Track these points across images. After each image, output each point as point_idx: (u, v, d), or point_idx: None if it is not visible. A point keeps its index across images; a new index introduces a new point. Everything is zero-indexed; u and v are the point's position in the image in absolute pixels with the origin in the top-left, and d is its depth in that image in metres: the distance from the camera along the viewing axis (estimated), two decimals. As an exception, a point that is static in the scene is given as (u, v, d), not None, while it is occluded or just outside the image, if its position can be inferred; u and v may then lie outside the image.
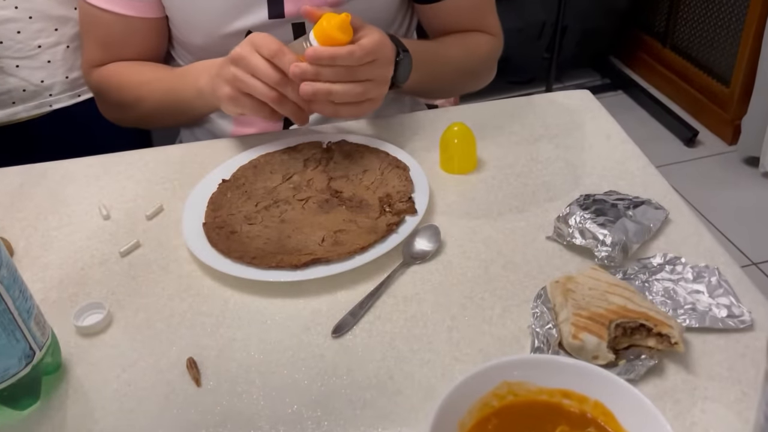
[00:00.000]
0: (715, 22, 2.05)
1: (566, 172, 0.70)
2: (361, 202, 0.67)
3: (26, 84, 0.93)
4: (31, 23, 0.91)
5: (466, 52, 0.90)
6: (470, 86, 0.96)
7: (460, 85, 0.96)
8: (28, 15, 0.91)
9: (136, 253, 0.65)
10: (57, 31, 0.93)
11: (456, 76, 0.91)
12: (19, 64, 0.92)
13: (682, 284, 0.55)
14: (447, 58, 0.87)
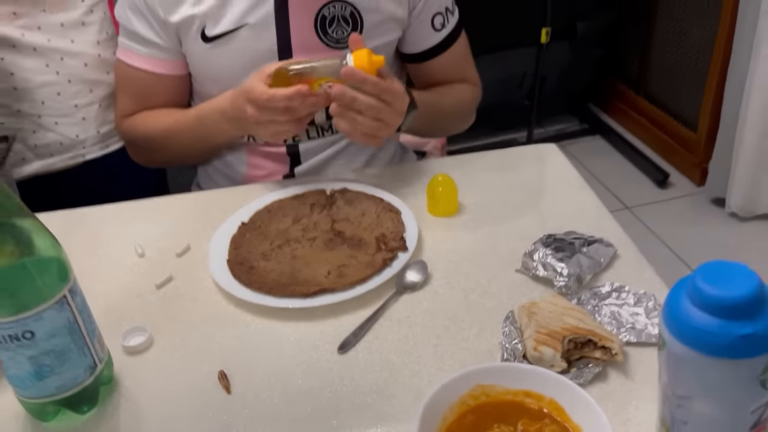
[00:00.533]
0: (682, 72, 2.22)
1: (533, 216, 0.83)
2: (360, 241, 0.79)
3: (63, 138, 1.05)
4: (69, 86, 1.04)
5: (456, 101, 1.05)
6: (457, 129, 1.12)
7: (450, 128, 1.13)
8: (67, 79, 1.04)
9: (169, 286, 0.77)
10: (91, 92, 1.06)
11: (448, 121, 1.07)
12: (58, 121, 1.04)
13: (625, 308, 0.67)
14: (442, 106, 1.01)
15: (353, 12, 0.93)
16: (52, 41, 1.02)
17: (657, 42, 2.30)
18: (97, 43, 1.06)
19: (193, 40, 0.93)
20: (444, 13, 0.99)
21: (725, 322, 0.36)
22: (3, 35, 0.99)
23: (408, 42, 1.00)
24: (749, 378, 0.37)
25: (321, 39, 0.93)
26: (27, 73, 1.01)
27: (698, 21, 2.08)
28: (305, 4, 0.92)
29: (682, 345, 0.38)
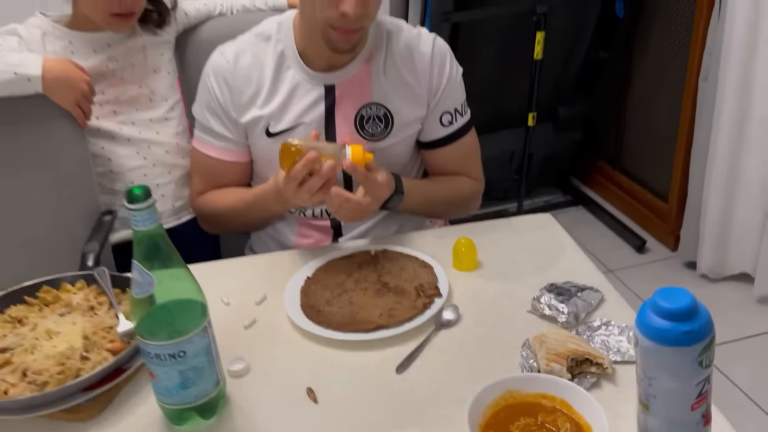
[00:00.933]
0: (653, 150, 2.51)
1: (537, 270, 1.05)
2: (402, 290, 1.01)
3: (145, 211, 1.27)
4: (153, 169, 1.27)
5: (451, 191, 1.27)
6: (454, 214, 1.34)
7: (446, 214, 1.34)
8: (152, 163, 1.27)
9: (254, 327, 0.97)
10: (170, 173, 1.29)
11: (441, 207, 1.29)
12: (143, 197, 1.27)
13: (612, 336, 0.89)
14: (436, 194, 1.24)
15: (386, 113, 1.17)
16: (142, 133, 1.26)
17: (629, 124, 2.60)
18: (176, 134, 1.30)
19: (259, 135, 1.16)
20: (453, 113, 1.21)
21: (673, 323, 0.58)
22: (105, 129, 1.23)
23: (421, 132, 1.22)
24: (691, 360, 0.58)
25: (359, 133, 1.17)
26: (121, 159, 1.25)
27: (665, 107, 2.38)
28: (348, 107, 1.16)
29: (648, 340, 0.59)
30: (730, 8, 1.89)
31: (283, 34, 1.15)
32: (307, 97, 1.15)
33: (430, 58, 1.16)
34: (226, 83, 1.15)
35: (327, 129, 1.16)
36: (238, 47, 1.16)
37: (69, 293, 0.97)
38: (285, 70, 1.15)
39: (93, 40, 1.22)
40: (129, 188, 0.69)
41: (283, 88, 1.15)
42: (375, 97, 1.16)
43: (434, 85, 1.17)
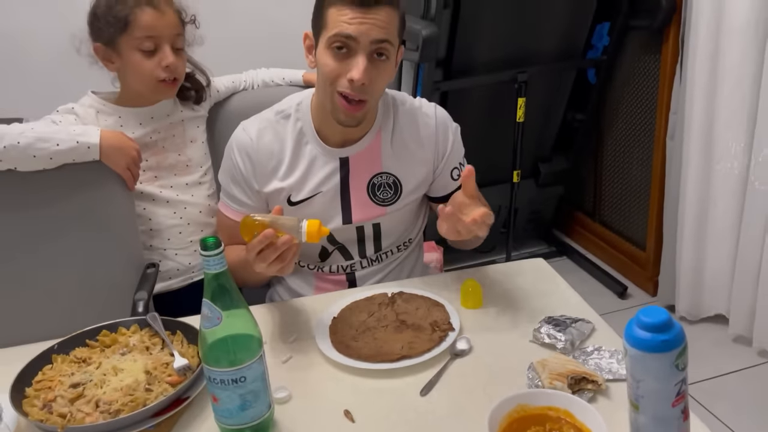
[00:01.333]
0: (629, 203, 2.70)
1: (535, 306, 1.20)
2: (419, 327, 1.15)
3: (180, 265, 1.41)
4: (188, 227, 1.41)
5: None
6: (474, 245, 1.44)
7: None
8: (187, 222, 1.41)
9: (291, 361, 1.10)
10: (202, 231, 1.44)
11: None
12: (177, 252, 1.41)
13: (604, 359, 1.03)
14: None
15: (395, 180, 1.32)
16: (179, 195, 1.41)
17: (606, 179, 2.80)
18: (208, 196, 1.45)
19: (281, 203, 1.28)
20: (458, 166, 1.36)
21: (653, 334, 0.73)
22: (147, 192, 1.38)
23: (432, 189, 1.38)
24: (669, 364, 0.73)
25: (372, 199, 1.31)
26: (160, 218, 1.39)
27: (638, 163, 2.59)
28: (361, 177, 1.30)
29: (634, 349, 0.74)
30: (690, 73, 2.12)
31: (302, 113, 1.28)
32: (324, 170, 1.28)
33: (435, 126, 1.32)
34: (249, 157, 1.27)
35: (342, 196, 1.30)
36: (260, 124, 1.28)
37: (126, 336, 1.10)
38: (304, 145, 1.28)
39: (139, 114, 1.39)
40: (203, 238, 0.83)
41: (303, 161, 1.28)
42: (385, 167, 1.30)
43: (440, 150, 1.33)
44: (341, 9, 1.12)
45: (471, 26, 2.22)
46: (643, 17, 2.32)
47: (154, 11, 1.31)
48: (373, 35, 1.13)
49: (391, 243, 1.38)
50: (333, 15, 1.14)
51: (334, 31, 1.13)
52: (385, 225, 1.34)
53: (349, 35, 1.13)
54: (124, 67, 1.35)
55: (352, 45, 1.14)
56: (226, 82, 1.55)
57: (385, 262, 1.39)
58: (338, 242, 1.34)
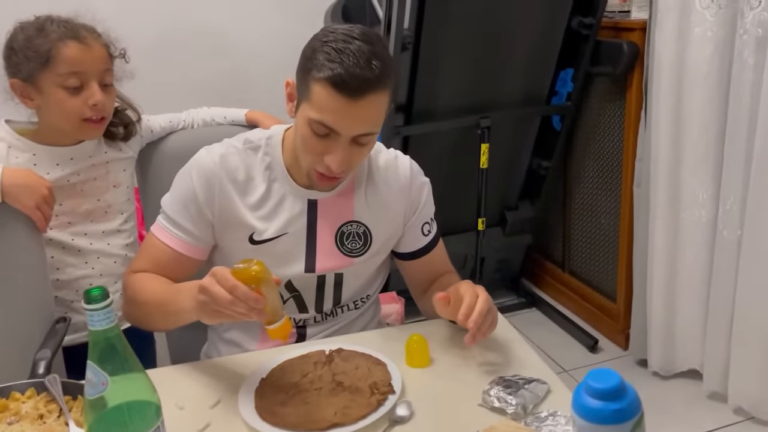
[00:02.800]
0: (598, 253, 2.62)
1: (487, 365, 1.09)
2: (357, 389, 1.03)
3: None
4: (100, 279, 1.29)
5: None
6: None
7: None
8: (99, 273, 1.29)
9: (208, 429, 0.97)
10: (116, 283, 1.31)
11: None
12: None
13: (559, 427, 0.92)
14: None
15: (365, 231, 1.22)
16: (93, 244, 1.29)
17: (574, 228, 2.74)
18: (125, 245, 1.34)
19: (239, 240, 1.17)
20: (429, 222, 1.29)
21: (604, 402, 0.62)
22: (57, 239, 1.26)
23: (402, 245, 1.29)
24: (624, 437, 0.62)
25: (338, 248, 1.21)
26: (69, 268, 1.27)
27: (605, 211, 2.53)
28: (330, 223, 1.20)
29: (583, 420, 0.63)
30: (654, 119, 2.07)
31: (271, 148, 1.19)
32: (292, 210, 1.18)
33: (410, 179, 1.24)
34: (208, 183, 1.15)
35: (308, 240, 1.20)
36: (226, 150, 1.17)
37: (18, 402, 0.96)
38: (272, 181, 1.18)
39: (57, 153, 1.27)
40: (87, 289, 0.72)
41: (272, 197, 1.18)
42: (356, 216, 1.22)
43: (413, 204, 1.25)
44: (329, 92, 1.02)
45: (431, 70, 2.17)
46: (605, 64, 2.30)
47: (79, 45, 1.21)
48: (356, 130, 1.07)
49: (351, 296, 1.28)
50: (319, 94, 1.04)
51: (317, 117, 1.05)
52: (348, 275, 1.25)
53: (332, 128, 1.05)
54: (45, 105, 1.24)
55: (333, 135, 1.07)
56: (162, 122, 1.45)
57: (340, 317, 1.29)
58: (296, 289, 1.23)
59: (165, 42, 2.42)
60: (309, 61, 1.05)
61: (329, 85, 1.02)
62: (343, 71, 1.01)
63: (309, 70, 1.04)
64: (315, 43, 1.06)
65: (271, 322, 0.99)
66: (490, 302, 1.08)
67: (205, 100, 1.58)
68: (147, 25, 2.36)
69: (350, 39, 1.02)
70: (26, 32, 1.20)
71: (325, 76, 1.02)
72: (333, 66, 1.01)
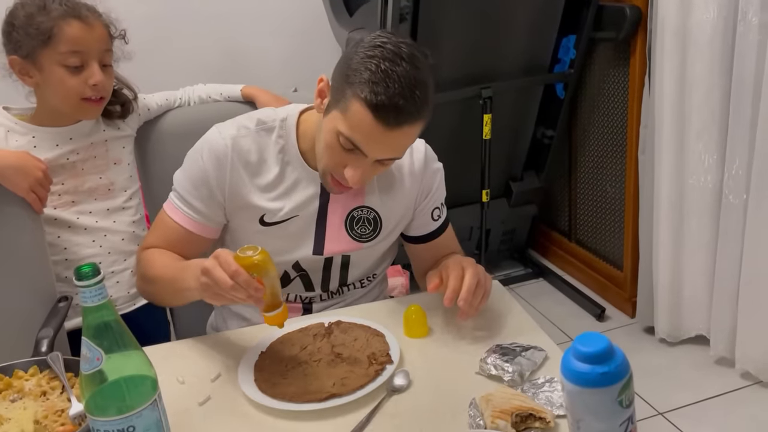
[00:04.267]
0: (604, 221, 2.61)
1: (484, 332, 1.09)
2: (355, 360, 1.03)
3: (101, 297, 1.29)
4: (109, 257, 1.30)
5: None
6: None
7: None
8: (107, 251, 1.30)
9: (209, 403, 0.98)
10: (125, 261, 1.32)
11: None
12: (98, 283, 1.29)
13: (555, 393, 0.92)
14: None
15: (376, 216, 1.21)
16: (99, 222, 1.30)
17: (580, 197, 2.72)
18: (132, 222, 1.34)
19: (249, 220, 1.16)
20: (440, 207, 1.28)
21: (591, 366, 0.62)
22: (63, 218, 1.26)
23: (412, 229, 1.28)
24: (611, 400, 0.62)
25: (348, 233, 1.20)
26: (76, 247, 1.27)
27: (611, 179, 2.51)
28: (341, 207, 1.19)
29: (571, 384, 0.63)
30: (658, 85, 2.04)
31: (285, 131, 1.17)
32: (304, 193, 1.17)
33: (423, 162, 1.23)
34: (219, 164, 1.13)
35: (318, 224, 1.19)
36: (238, 131, 1.15)
37: (21, 380, 0.98)
38: (285, 164, 1.17)
39: (56, 134, 1.28)
40: (78, 266, 0.72)
41: (286, 180, 1.17)
42: (367, 201, 1.21)
43: (425, 188, 1.24)
44: (367, 115, 1.00)
45: (430, 41, 2.14)
46: (608, 29, 2.25)
47: (81, 24, 1.20)
48: (385, 155, 1.07)
49: (357, 277, 1.28)
50: (356, 113, 1.01)
51: (348, 134, 1.03)
52: (355, 258, 1.24)
53: (360, 149, 1.04)
54: (44, 83, 1.24)
55: (359, 153, 1.05)
56: (158, 100, 1.45)
57: (346, 295, 1.29)
58: (302, 269, 1.23)
59: (163, 20, 2.41)
60: (351, 72, 1.01)
61: (369, 108, 0.99)
62: (386, 99, 0.98)
63: (350, 83, 1.01)
64: (360, 51, 1.02)
65: (269, 310, 0.99)
66: (478, 275, 1.07)
67: (203, 78, 1.57)
68: (145, 4, 2.35)
69: (398, 60, 0.99)
70: (27, 9, 1.20)
71: (366, 97, 0.99)
72: (377, 90, 0.98)
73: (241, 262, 0.94)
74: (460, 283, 1.05)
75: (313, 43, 2.64)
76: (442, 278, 1.09)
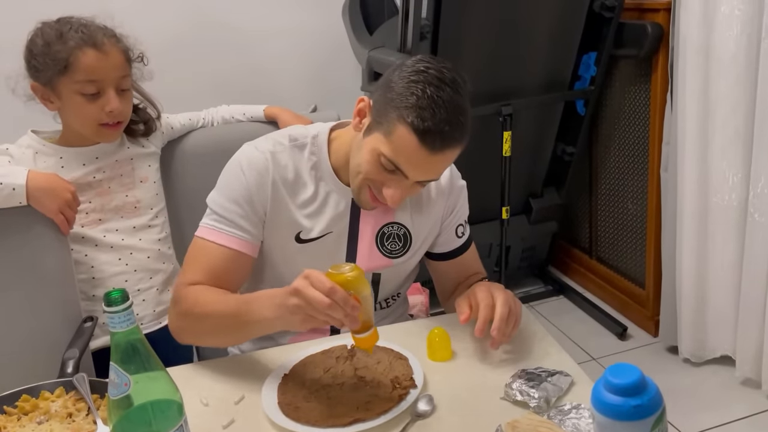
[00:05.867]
0: (625, 239, 2.58)
1: (509, 356, 1.08)
2: (379, 383, 1.03)
3: (126, 316, 1.30)
4: (135, 274, 1.31)
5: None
6: None
7: None
8: (133, 269, 1.31)
9: (232, 426, 0.98)
10: (151, 279, 1.33)
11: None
12: (123, 302, 1.29)
13: (582, 420, 0.91)
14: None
15: (406, 233, 1.22)
16: (125, 240, 1.31)
17: (601, 214, 2.70)
18: (158, 240, 1.35)
19: (286, 239, 1.16)
20: (463, 224, 1.29)
21: (624, 398, 0.61)
22: (90, 236, 1.28)
23: (437, 245, 1.28)
24: (645, 433, 0.61)
25: (378, 249, 1.21)
26: (103, 265, 1.29)
27: (632, 196, 2.49)
28: (372, 223, 1.20)
29: (602, 416, 0.62)
30: (680, 102, 2.02)
31: (317, 148, 1.17)
32: (336, 209, 1.18)
33: (450, 179, 1.25)
34: (260, 176, 1.12)
35: (350, 240, 1.20)
36: (273, 147, 1.15)
37: (47, 401, 0.98)
38: (318, 180, 1.17)
39: (82, 154, 1.30)
40: (107, 292, 0.73)
41: (319, 197, 1.17)
42: (397, 217, 1.22)
43: (451, 204, 1.26)
44: (412, 140, 1.01)
45: (451, 59, 2.11)
46: (629, 46, 2.25)
47: (96, 53, 1.22)
48: (425, 177, 1.09)
49: (383, 296, 1.29)
50: (401, 137, 1.02)
51: (391, 157, 1.04)
52: (385, 275, 1.25)
53: (402, 171, 1.06)
54: (65, 109, 1.27)
55: (399, 174, 1.07)
56: (182, 119, 1.46)
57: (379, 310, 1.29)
58: None
59: (184, 39, 2.44)
60: (396, 96, 1.02)
61: (415, 134, 1.01)
62: (433, 126, 1.00)
63: (395, 106, 1.02)
64: (404, 75, 1.03)
65: (361, 331, 0.95)
66: (509, 302, 1.07)
67: (224, 97, 1.59)
68: (166, 23, 2.38)
69: (443, 85, 1.00)
70: (45, 37, 1.22)
71: (413, 122, 1.00)
72: (424, 116, 0.99)
73: (334, 279, 0.90)
74: (491, 312, 1.05)
75: (332, 62, 2.66)
76: (471, 306, 1.08)
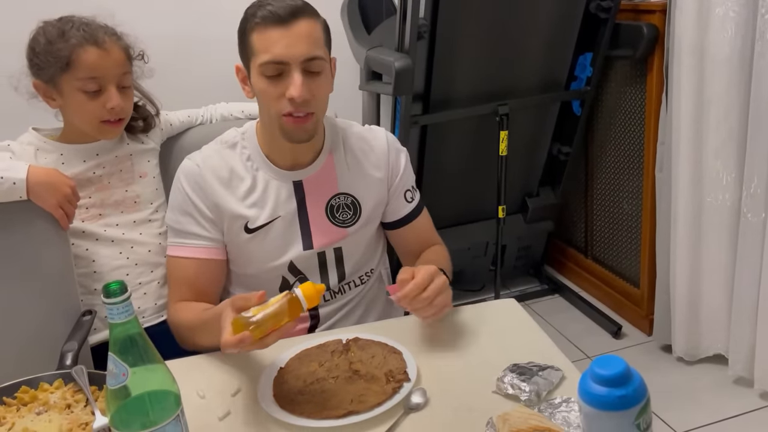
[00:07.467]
0: (620, 238, 2.60)
1: (501, 351, 1.10)
2: (373, 377, 1.04)
3: (126, 310, 1.31)
4: (136, 268, 1.32)
5: (446, 258, 1.35)
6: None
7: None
8: (134, 263, 1.32)
9: (229, 418, 0.99)
10: (152, 272, 1.34)
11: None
12: (124, 296, 1.31)
13: (572, 413, 0.92)
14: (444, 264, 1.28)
15: (353, 200, 1.28)
16: (125, 234, 1.32)
17: (596, 214, 2.71)
18: (158, 234, 1.37)
19: (237, 233, 1.24)
20: (411, 190, 1.36)
21: (609, 389, 0.63)
22: (90, 231, 1.29)
23: (389, 213, 1.35)
24: (628, 424, 0.62)
25: (331, 221, 1.27)
26: (104, 259, 1.30)
27: (627, 196, 2.51)
28: (318, 199, 1.26)
29: (588, 406, 0.64)
30: (675, 102, 2.04)
31: (247, 141, 1.27)
32: (279, 193, 1.25)
33: (386, 146, 1.31)
34: (198, 185, 1.23)
35: (301, 221, 1.26)
36: (204, 153, 1.26)
37: (46, 392, 1.00)
38: (255, 171, 1.25)
39: (83, 150, 1.32)
40: (106, 284, 0.74)
41: (258, 185, 1.24)
42: (341, 188, 1.28)
43: (393, 170, 1.32)
44: (263, 32, 1.13)
45: (448, 59, 2.16)
46: (625, 47, 2.26)
47: (98, 50, 1.24)
48: (301, 53, 1.13)
49: (354, 270, 1.33)
50: (257, 41, 1.14)
51: (263, 59, 1.13)
52: (346, 248, 1.30)
53: (278, 60, 1.12)
54: (66, 106, 1.28)
55: (283, 67, 1.13)
56: (181, 116, 1.48)
57: (348, 295, 1.34)
58: (299, 271, 1.29)
59: (184, 37, 2.45)
60: (243, 27, 1.16)
61: (262, 24, 1.12)
62: (271, 7, 1.12)
63: (245, 32, 1.16)
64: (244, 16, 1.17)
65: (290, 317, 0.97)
66: (431, 276, 1.09)
67: (222, 94, 1.60)
68: (166, 21, 2.39)
69: None
70: (48, 36, 1.23)
71: (257, 21, 1.13)
72: (261, 11, 1.12)
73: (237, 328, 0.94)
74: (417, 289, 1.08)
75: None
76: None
